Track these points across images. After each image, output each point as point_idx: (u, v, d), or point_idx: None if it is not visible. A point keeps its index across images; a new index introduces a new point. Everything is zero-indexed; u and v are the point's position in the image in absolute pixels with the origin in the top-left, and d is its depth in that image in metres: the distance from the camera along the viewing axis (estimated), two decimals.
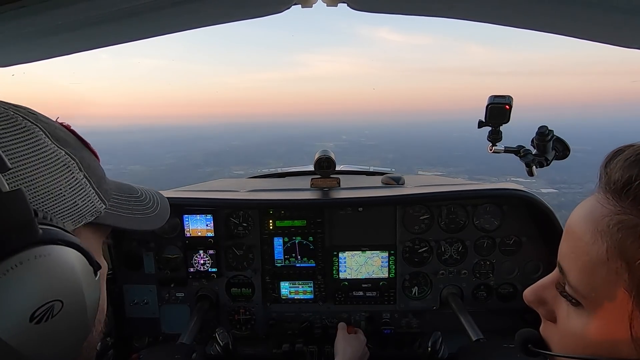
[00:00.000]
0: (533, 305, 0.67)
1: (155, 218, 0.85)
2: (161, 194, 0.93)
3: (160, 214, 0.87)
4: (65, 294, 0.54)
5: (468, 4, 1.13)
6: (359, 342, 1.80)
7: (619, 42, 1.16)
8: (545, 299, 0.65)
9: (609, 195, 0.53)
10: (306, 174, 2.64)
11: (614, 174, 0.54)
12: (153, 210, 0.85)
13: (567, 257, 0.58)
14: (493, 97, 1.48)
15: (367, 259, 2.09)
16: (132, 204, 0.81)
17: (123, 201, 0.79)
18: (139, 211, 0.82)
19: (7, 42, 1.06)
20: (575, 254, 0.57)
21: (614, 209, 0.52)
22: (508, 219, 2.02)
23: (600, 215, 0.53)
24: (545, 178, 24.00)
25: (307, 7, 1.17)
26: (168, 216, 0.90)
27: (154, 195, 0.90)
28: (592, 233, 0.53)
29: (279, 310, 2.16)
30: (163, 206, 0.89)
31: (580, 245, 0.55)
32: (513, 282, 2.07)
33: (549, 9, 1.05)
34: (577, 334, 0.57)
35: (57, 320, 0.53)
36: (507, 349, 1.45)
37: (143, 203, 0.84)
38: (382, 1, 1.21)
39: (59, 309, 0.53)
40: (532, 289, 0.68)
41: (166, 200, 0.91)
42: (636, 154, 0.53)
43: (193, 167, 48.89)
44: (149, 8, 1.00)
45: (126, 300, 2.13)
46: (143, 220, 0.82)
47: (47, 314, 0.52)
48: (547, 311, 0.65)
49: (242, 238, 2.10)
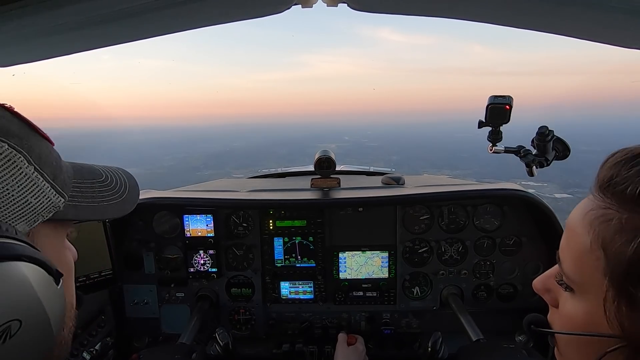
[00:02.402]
0: (540, 293, 0.74)
1: (124, 203, 0.77)
2: (128, 172, 0.84)
3: (129, 198, 0.79)
4: (23, 312, 0.50)
5: (468, 4, 1.13)
6: (357, 354, 1.79)
7: (619, 42, 1.16)
8: (549, 287, 0.71)
9: (597, 192, 0.60)
10: (306, 174, 2.64)
11: (601, 173, 0.61)
12: (120, 195, 0.77)
13: (563, 248, 0.66)
14: (493, 97, 1.48)
15: (367, 259, 2.09)
16: (96, 191, 0.73)
17: (85, 189, 0.71)
18: (104, 198, 0.74)
19: (7, 42, 1.06)
20: (569, 245, 0.64)
21: (600, 204, 0.59)
22: (508, 219, 2.02)
23: (589, 209, 0.60)
24: (557, 182, 23.57)
25: (307, 7, 1.17)
26: (138, 199, 0.82)
27: (121, 176, 0.81)
28: (583, 226, 0.60)
29: (279, 310, 2.16)
30: (132, 188, 0.81)
31: (573, 237, 0.62)
32: (513, 283, 2.06)
33: (549, 9, 1.05)
34: (570, 315, 0.64)
35: (17, 339, 0.50)
36: (507, 349, 1.45)
37: (109, 187, 0.76)
38: (382, 1, 1.21)
39: (17, 328, 0.49)
40: (539, 279, 0.75)
41: (135, 180, 0.83)
42: (622, 156, 0.59)
43: (192, 169, 48.69)
44: (149, 8, 1.00)
45: (126, 300, 2.13)
46: (110, 208, 0.74)
47: (3, 335, 0.48)
48: (552, 298, 0.71)
49: (242, 238, 2.10)
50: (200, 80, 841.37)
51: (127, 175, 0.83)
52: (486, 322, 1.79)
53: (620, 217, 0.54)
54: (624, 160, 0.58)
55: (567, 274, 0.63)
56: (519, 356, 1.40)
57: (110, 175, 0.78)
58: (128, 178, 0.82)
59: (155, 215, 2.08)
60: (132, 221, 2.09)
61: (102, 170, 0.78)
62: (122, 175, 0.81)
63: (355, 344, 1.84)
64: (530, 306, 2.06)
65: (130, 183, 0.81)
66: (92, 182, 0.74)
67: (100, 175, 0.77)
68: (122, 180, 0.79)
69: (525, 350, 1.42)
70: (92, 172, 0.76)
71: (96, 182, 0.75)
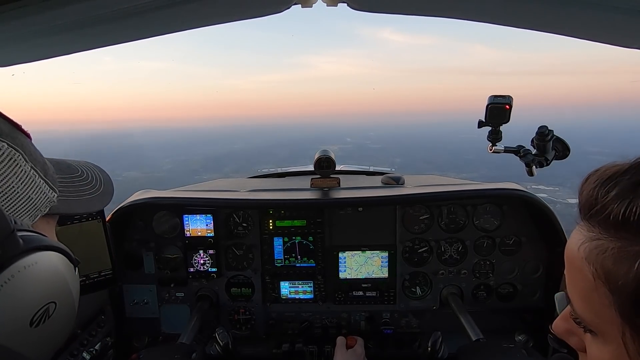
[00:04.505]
0: (564, 338, 0.66)
1: (103, 196, 0.82)
2: (100, 167, 0.87)
3: (105, 191, 0.83)
4: (57, 295, 0.57)
5: (467, 4, 1.13)
6: (356, 357, 1.78)
7: (619, 42, 1.16)
8: (571, 330, 0.64)
9: (583, 221, 0.56)
10: (306, 173, 2.64)
11: (581, 200, 0.57)
12: (98, 189, 0.81)
13: (569, 286, 0.60)
14: (493, 97, 1.48)
15: (367, 258, 2.09)
16: (77, 185, 0.77)
17: (67, 184, 0.75)
18: (85, 192, 0.78)
19: (7, 42, 1.06)
20: (573, 282, 0.58)
21: (590, 234, 0.54)
22: (508, 219, 2.02)
23: (582, 241, 0.55)
24: (569, 186, 23.01)
25: (307, 7, 1.17)
26: (114, 192, 0.86)
27: (93, 171, 0.84)
28: (580, 259, 0.55)
29: (279, 310, 2.16)
30: (106, 182, 0.84)
31: (575, 273, 0.57)
32: (513, 282, 2.06)
33: (549, 9, 1.05)
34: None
35: (53, 320, 0.56)
36: (507, 348, 1.45)
37: (87, 182, 0.80)
38: (381, 1, 1.21)
39: (53, 309, 0.56)
40: (559, 322, 0.67)
41: (107, 175, 0.87)
42: (596, 179, 0.55)
43: (191, 173, 48.55)
44: (149, 8, 1.00)
45: (126, 300, 2.13)
46: (91, 201, 0.78)
47: (43, 316, 0.54)
48: (577, 342, 0.63)
49: (242, 238, 2.10)
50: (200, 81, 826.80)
51: (98, 169, 0.86)
52: (486, 321, 1.79)
53: (614, 246, 0.50)
54: (599, 185, 0.54)
55: (580, 315, 0.57)
56: (519, 356, 1.40)
57: (84, 170, 0.82)
58: (100, 172, 0.86)
59: (155, 215, 2.08)
60: (132, 221, 2.09)
61: (76, 166, 0.82)
62: (94, 169, 0.85)
63: (354, 346, 1.84)
64: (530, 306, 2.07)
65: (104, 176, 0.85)
66: (72, 177, 0.78)
67: (76, 170, 0.80)
68: (95, 175, 0.83)
69: (525, 349, 1.42)
70: (69, 168, 0.79)
71: (75, 177, 0.78)
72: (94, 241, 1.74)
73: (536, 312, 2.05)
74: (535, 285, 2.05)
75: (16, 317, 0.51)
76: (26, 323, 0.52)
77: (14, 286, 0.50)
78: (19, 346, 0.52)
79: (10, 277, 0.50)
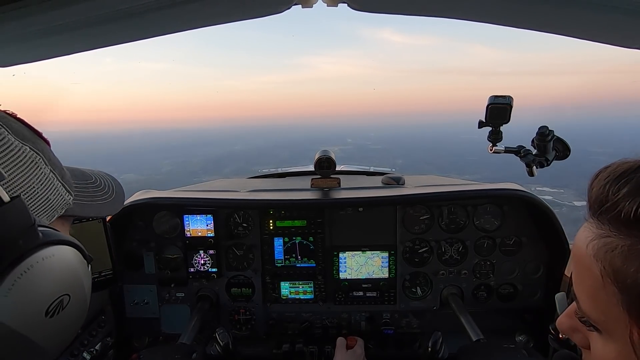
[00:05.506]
0: (568, 335, 0.66)
1: (114, 203, 0.86)
2: (112, 176, 0.92)
3: (117, 199, 0.88)
4: (71, 288, 0.60)
5: (467, 4, 1.13)
6: (356, 358, 1.78)
7: (619, 42, 1.16)
8: (576, 327, 0.64)
9: (592, 218, 0.56)
10: (306, 174, 2.64)
11: (591, 197, 0.56)
12: (110, 195, 0.86)
13: (576, 285, 0.60)
14: (493, 97, 1.48)
15: (368, 259, 2.09)
16: (91, 191, 0.82)
17: (82, 189, 0.79)
18: (98, 197, 0.82)
19: (7, 42, 1.07)
20: (579, 280, 0.58)
21: (599, 232, 0.54)
22: (508, 219, 2.02)
23: (591, 239, 0.55)
24: (575, 187, 22.51)
25: (307, 7, 1.17)
26: (125, 199, 0.91)
27: (106, 179, 0.89)
28: (588, 257, 0.54)
29: (279, 310, 2.16)
30: (118, 190, 0.89)
31: (582, 270, 0.57)
32: (513, 283, 2.06)
33: (549, 9, 1.05)
34: (603, 359, 0.57)
35: (67, 311, 0.59)
36: (507, 349, 1.45)
37: (100, 189, 0.84)
38: (381, 1, 1.21)
39: (67, 301, 0.59)
40: (562, 319, 0.67)
41: (119, 182, 0.91)
42: (607, 176, 0.54)
43: (190, 174, 48.48)
44: (149, 8, 1.00)
45: (126, 300, 2.13)
46: (104, 207, 0.83)
47: (58, 307, 0.57)
48: (581, 339, 0.64)
49: (242, 238, 2.10)
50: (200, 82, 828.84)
51: (111, 178, 0.92)
52: (486, 322, 1.79)
53: (623, 244, 0.50)
54: (610, 182, 0.54)
55: (586, 313, 0.57)
56: (519, 356, 1.40)
57: (97, 178, 0.87)
58: (112, 180, 0.91)
59: (156, 215, 2.08)
60: (132, 221, 2.09)
61: (90, 174, 0.87)
62: (108, 178, 0.90)
63: (354, 347, 1.84)
64: (530, 306, 2.06)
65: (116, 184, 0.90)
66: (86, 183, 0.82)
67: (90, 177, 0.85)
68: (108, 183, 0.88)
69: (525, 350, 1.42)
70: (83, 175, 0.84)
71: (89, 183, 0.83)
72: (94, 241, 1.74)
73: (536, 312, 2.05)
74: (535, 286, 2.04)
75: (33, 305, 0.54)
76: (42, 313, 0.55)
77: (33, 276, 0.53)
78: (34, 335, 0.54)
79: (29, 267, 0.53)
